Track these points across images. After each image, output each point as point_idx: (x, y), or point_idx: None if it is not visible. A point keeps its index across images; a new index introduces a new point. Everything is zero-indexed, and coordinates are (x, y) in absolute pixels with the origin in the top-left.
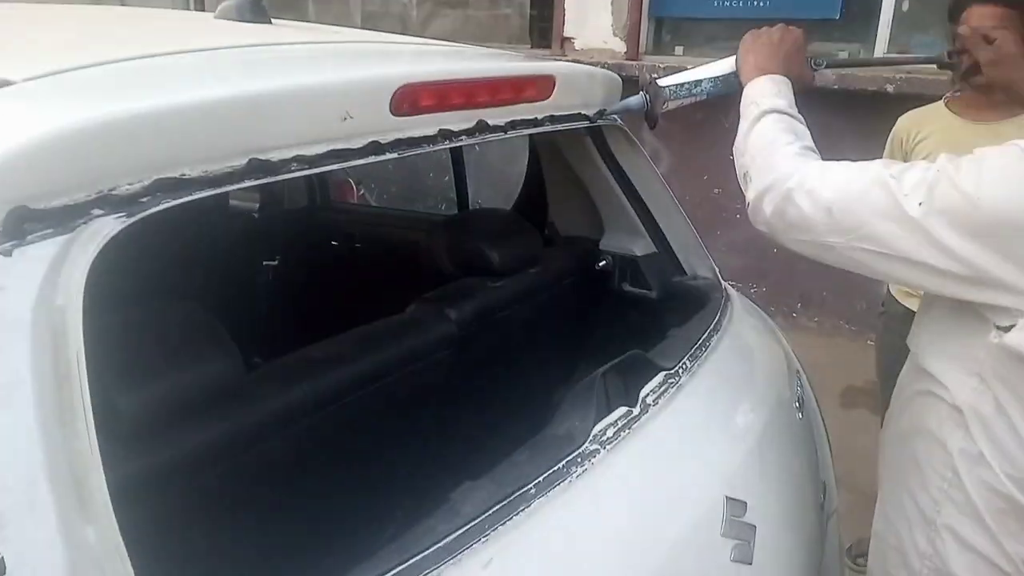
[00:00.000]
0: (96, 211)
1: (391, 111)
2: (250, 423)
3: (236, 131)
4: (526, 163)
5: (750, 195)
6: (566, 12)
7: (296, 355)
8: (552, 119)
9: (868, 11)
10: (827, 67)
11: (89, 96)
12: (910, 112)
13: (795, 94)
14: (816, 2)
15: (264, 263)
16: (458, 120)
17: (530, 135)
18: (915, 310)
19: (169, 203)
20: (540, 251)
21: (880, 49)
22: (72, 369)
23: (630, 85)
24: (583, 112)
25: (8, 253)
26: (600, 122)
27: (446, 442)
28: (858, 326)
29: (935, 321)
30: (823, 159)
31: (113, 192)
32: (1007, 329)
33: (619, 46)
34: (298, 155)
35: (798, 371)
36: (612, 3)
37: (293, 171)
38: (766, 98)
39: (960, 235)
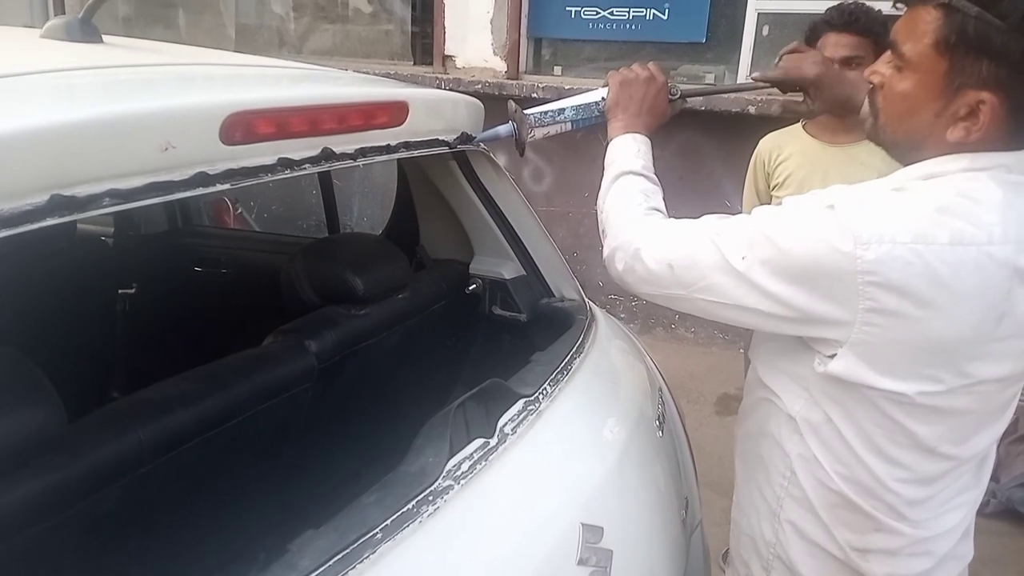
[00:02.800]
0: None
1: (221, 140)
2: (72, 477)
3: (36, 166)
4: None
5: (605, 251)
6: (447, 30)
7: (131, 398)
8: (407, 145)
9: (732, 35)
10: (681, 97)
11: None
12: (770, 134)
13: (657, 129)
14: (684, 27)
15: (120, 292)
16: (300, 148)
17: (397, 160)
18: None
19: None
20: (408, 276)
21: (743, 70)
22: None
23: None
24: (441, 138)
25: None
26: (460, 147)
27: (297, 486)
28: (730, 335)
29: (770, 340)
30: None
31: None
32: (831, 357)
33: (500, 65)
34: (112, 189)
35: (661, 389)
36: (492, 23)
37: (106, 206)
38: (626, 159)
39: (780, 281)
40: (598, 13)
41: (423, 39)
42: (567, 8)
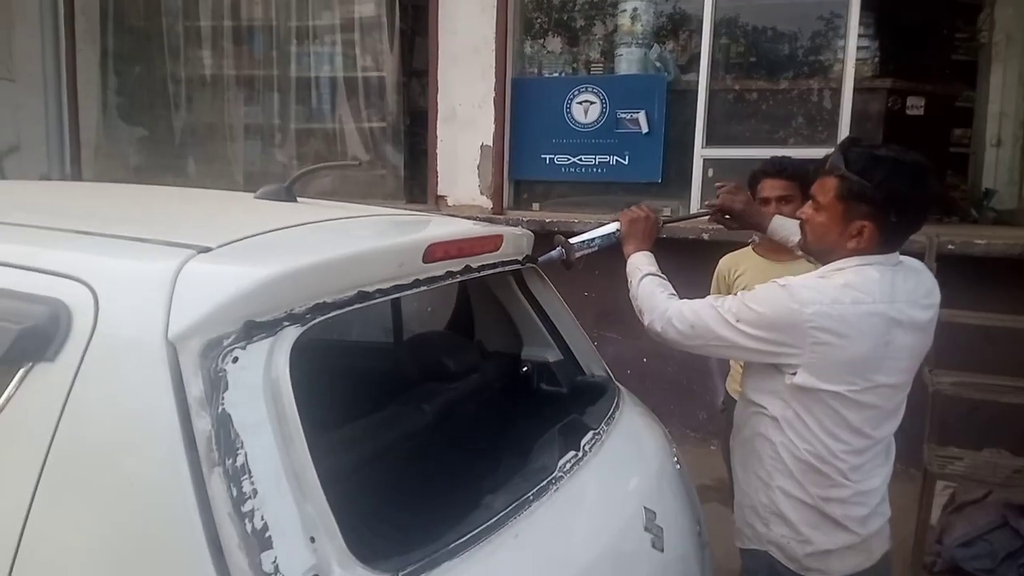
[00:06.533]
0: (286, 323)
1: (423, 260)
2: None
3: (350, 274)
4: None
5: (646, 321)
6: (439, 174)
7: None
8: (502, 263)
9: (682, 176)
10: (663, 225)
11: (267, 255)
12: (728, 255)
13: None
14: (642, 170)
15: None
16: (455, 265)
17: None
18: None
19: (319, 319)
20: (478, 361)
21: (694, 204)
22: (287, 412)
23: None
24: (515, 259)
25: (244, 347)
26: (524, 265)
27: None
28: (701, 433)
29: (753, 373)
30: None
31: (292, 312)
32: (793, 374)
33: (486, 203)
34: (379, 288)
35: (671, 441)
36: (478, 168)
37: (377, 298)
38: (644, 267)
39: (760, 331)
40: (569, 159)
41: (411, 180)
42: (542, 156)
